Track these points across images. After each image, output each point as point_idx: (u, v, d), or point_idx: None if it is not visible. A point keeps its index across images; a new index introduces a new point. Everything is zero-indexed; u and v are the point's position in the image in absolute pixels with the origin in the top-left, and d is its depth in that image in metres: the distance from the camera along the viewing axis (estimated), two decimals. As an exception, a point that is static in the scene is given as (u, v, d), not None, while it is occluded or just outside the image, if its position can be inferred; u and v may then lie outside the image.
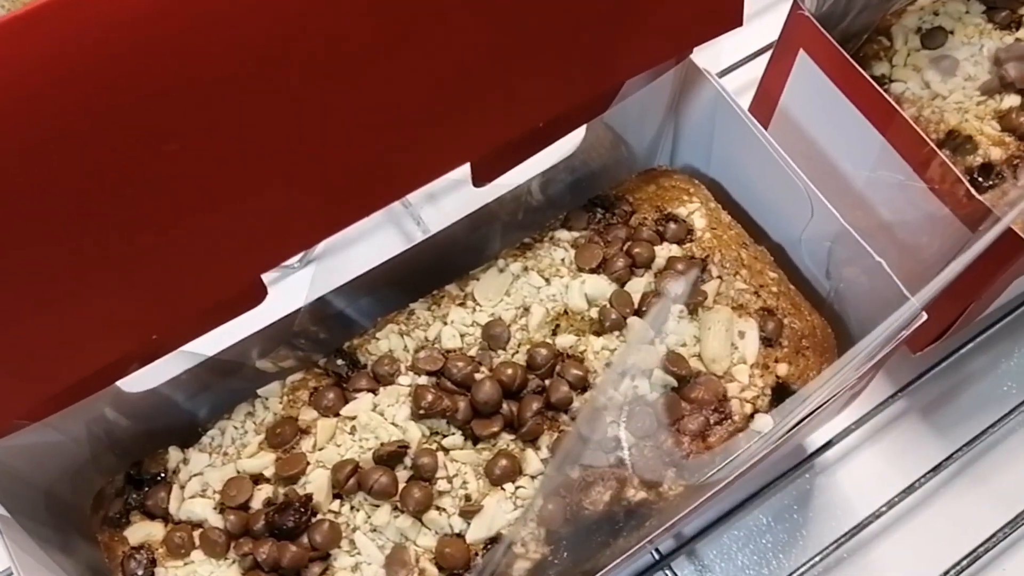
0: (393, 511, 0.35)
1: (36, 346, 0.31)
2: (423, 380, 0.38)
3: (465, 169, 0.37)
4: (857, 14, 0.47)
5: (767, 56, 0.47)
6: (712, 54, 0.41)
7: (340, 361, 0.39)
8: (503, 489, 0.36)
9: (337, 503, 0.36)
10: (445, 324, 0.39)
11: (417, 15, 0.30)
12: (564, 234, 0.42)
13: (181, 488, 0.37)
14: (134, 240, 0.30)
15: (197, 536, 0.36)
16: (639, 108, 0.43)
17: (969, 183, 0.39)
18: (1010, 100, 0.45)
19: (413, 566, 0.35)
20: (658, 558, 0.46)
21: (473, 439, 0.37)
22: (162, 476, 0.37)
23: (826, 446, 0.49)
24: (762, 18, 0.47)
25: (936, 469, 0.48)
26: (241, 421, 0.38)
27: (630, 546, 0.35)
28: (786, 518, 0.49)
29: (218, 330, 0.35)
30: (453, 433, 0.37)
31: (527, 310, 0.40)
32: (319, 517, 0.35)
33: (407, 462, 0.36)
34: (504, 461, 0.36)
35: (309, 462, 0.36)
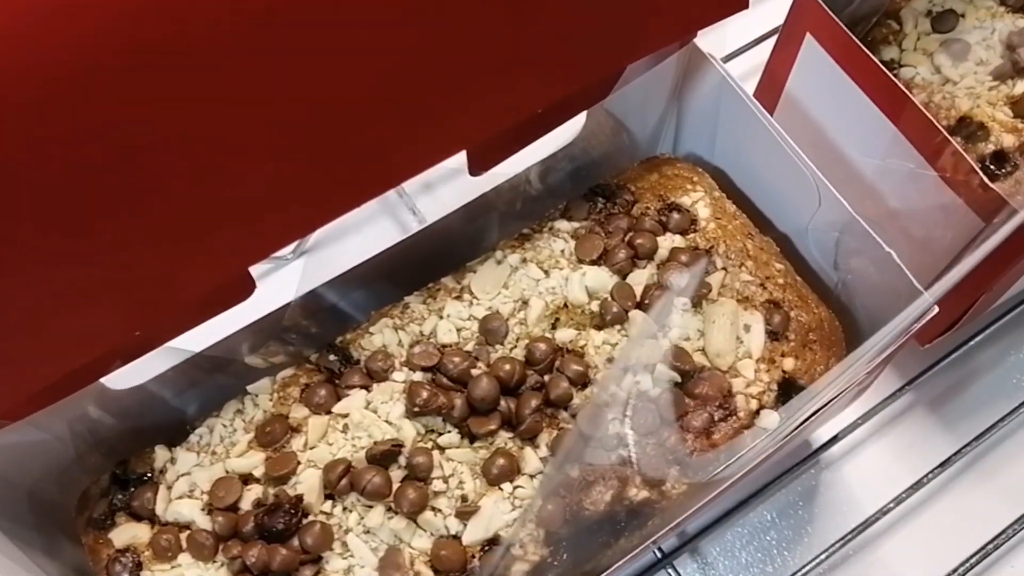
0: (387, 512, 0.35)
1: (15, 342, 0.30)
2: (418, 376, 0.37)
3: (461, 157, 0.37)
4: (866, -3, 0.46)
5: (773, 40, 0.47)
6: (716, 38, 0.41)
7: (332, 356, 0.39)
8: (501, 489, 0.36)
9: (329, 504, 0.35)
10: (441, 318, 0.39)
11: (410, -3, 0.30)
12: (564, 224, 0.42)
13: (168, 488, 0.36)
14: (115, 230, 0.29)
15: (184, 538, 0.35)
16: (641, 94, 0.43)
17: (981, 171, 0.39)
18: (1023, 85, 0.44)
19: (408, 569, 0.34)
20: (660, 556, 0.46)
21: (470, 437, 0.37)
22: (149, 476, 0.37)
23: (832, 441, 0.49)
24: (768, 1, 0.47)
25: (944, 464, 0.48)
26: (230, 419, 0.38)
27: (632, 547, 0.35)
28: (791, 514, 0.48)
29: (206, 325, 0.35)
30: (449, 431, 0.36)
31: (526, 303, 0.39)
32: (310, 519, 0.35)
33: (401, 461, 0.36)
34: (502, 460, 0.35)
35: (300, 461, 0.36)
